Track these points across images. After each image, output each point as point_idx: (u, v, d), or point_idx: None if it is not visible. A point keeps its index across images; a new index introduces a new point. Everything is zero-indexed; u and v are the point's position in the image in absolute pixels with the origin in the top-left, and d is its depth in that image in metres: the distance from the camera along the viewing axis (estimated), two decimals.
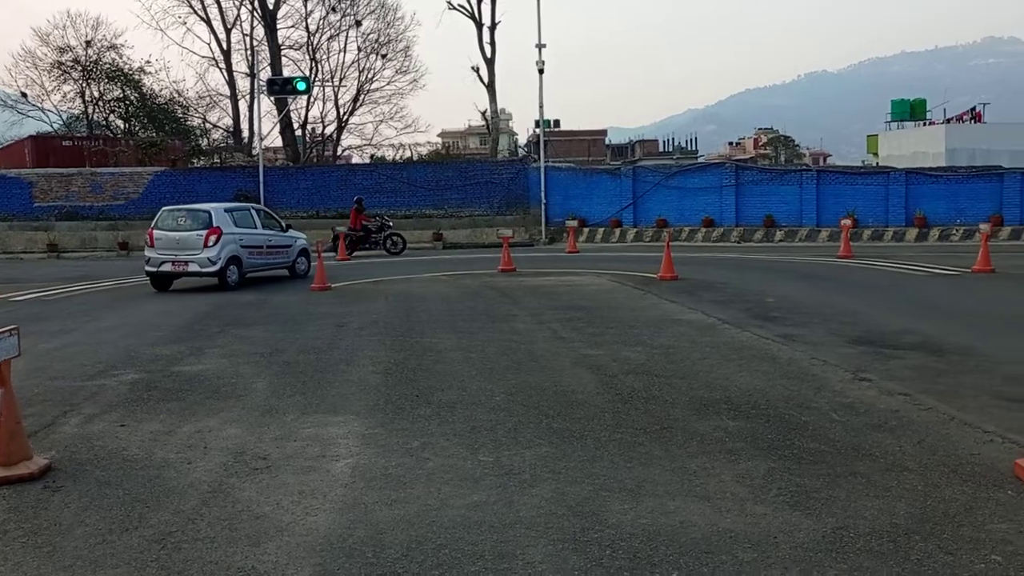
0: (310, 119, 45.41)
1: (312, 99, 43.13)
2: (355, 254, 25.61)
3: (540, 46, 31.03)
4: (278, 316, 12.71)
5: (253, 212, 18.34)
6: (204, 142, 43.24)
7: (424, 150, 53.54)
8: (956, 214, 28.79)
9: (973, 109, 58.33)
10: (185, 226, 16.70)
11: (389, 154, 47.31)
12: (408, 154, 47.87)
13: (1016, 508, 4.48)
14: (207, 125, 44.20)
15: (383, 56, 43.92)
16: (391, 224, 27.07)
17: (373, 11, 43.67)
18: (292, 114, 40.52)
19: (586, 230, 30.51)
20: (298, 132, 43.82)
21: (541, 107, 31.71)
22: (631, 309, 12.36)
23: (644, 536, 4.17)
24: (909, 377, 7.63)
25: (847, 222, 22.96)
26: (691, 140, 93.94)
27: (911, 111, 59.81)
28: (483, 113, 39.30)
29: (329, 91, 45.19)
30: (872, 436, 5.82)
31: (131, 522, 4.49)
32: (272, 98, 36.28)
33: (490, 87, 36.28)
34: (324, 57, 44.50)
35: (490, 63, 36.15)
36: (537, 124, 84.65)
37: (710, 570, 3.80)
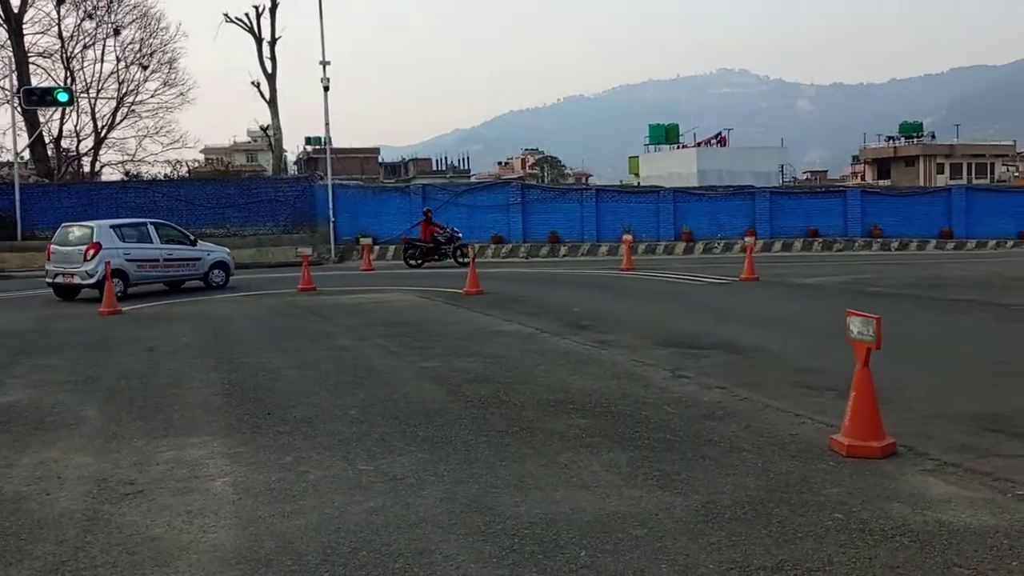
0: (64, 132, 42.11)
1: (67, 112, 40.04)
2: (425, 265, 26.08)
3: (324, 63, 30.76)
4: (74, 343, 11.87)
5: (150, 227, 19.08)
6: None
7: (186, 168, 51.08)
8: (717, 229, 31.78)
9: (719, 134, 64.23)
10: (72, 241, 17.97)
11: (156, 171, 44.73)
12: (180, 171, 45.58)
13: (841, 475, 5.25)
14: None
15: (144, 67, 41.59)
16: (460, 236, 26.78)
17: (135, 20, 41.30)
18: (43, 127, 37.35)
19: (377, 248, 30.58)
20: (50, 146, 40.44)
21: (327, 125, 31.40)
22: (449, 323, 12.71)
23: (543, 524, 4.51)
24: (720, 373, 8.53)
25: (628, 237, 24.65)
26: (463, 159, 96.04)
27: (666, 135, 64.86)
28: (264, 129, 38.26)
29: (85, 103, 42.19)
30: (706, 424, 6.52)
31: (11, 555, 4.24)
32: (20, 109, 33.35)
33: (272, 103, 35.40)
34: (79, 67, 41.52)
35: (271, 78, 35.31)
36: (308, 141, 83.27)
37: (612, 546, 4.20)
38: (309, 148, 78.48)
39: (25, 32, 37.11)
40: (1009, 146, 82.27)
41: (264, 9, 35.80)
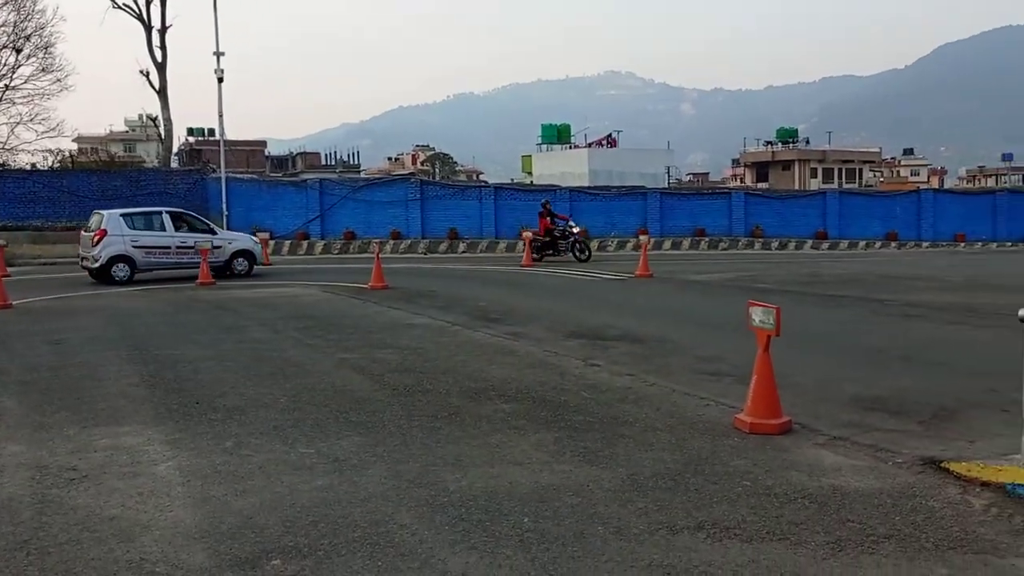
0: None
1: None
2: (544, 259, 25.41)
3: (219, 54, 30.18)
4: None
5: (164, 216, 20.04)
6: None
7: (69, 157, 48.87)
8: (611, 227, 32.80)
9: (609, 136, 65.90)
10: (91, 227, 19.55)
11: (31, 160, 42.60)
12: (54, 161, 43.57)
13: (745, 449, 5.83)
14: None
15: (18, 51, 39.61)
16: (576, 230, 25.77)
17: (8, 2, 39.24)
18: None
19: (272, 243, 30.18)
20: None
21: (221, 116, 30.83)
22: (360, 316, 12.90)
23: (486, 496, 4.89)
24: (628, 361, 9.08)
25: (528, 234, 25.22)
26: (353, 154, 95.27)
27: (558, 135, 66.12)
28: (152, 119, 37.06)
29: None
30: (621, 407, 7.03)
31: None
32: None
33: (162, 93, 34.33)
34: None
35: (161, 68, 34.26)
36: (190, 132, 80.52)
37: (552, 512, 4.62)
38: (192, 139, 76.17)
39: None
40: (876, 153, 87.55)
41: None
